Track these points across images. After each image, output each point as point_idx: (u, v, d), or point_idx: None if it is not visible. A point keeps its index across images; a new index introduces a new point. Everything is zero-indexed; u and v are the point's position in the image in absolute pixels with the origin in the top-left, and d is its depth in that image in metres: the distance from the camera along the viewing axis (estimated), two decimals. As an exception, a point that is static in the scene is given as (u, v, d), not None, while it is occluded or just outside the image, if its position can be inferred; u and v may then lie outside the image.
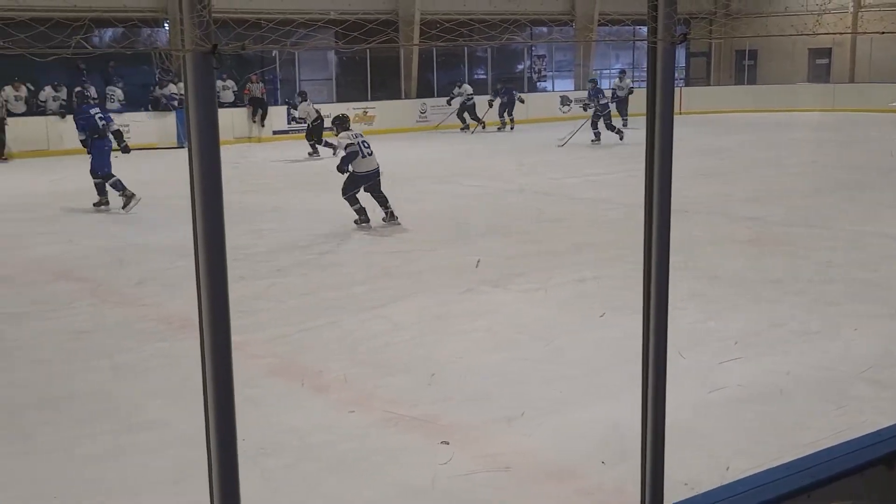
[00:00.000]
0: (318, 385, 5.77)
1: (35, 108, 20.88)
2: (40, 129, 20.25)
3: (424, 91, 26.03)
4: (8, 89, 20.38)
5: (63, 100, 20.90)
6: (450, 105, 24.51)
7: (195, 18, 1.47)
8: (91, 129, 12.58)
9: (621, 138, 19.73)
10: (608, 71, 30.50)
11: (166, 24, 22.98)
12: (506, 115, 24.33)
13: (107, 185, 12.66)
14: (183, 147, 21.52)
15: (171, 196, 11.09)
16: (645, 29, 2.34)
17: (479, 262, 8.49)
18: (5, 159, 19.46)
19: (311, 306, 7.45)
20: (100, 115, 12.81)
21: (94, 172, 12.72)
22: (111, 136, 12.63)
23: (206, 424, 1.76)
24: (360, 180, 10.82)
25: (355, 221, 10.87)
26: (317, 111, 19.69)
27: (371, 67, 25.69)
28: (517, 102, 24.28)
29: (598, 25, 28.30)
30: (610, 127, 19.95)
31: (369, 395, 5.53)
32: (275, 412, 5.15)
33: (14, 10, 18.65)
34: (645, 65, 2.89)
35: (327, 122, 15.82)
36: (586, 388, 5.57)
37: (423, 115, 25.01)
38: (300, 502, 4.15)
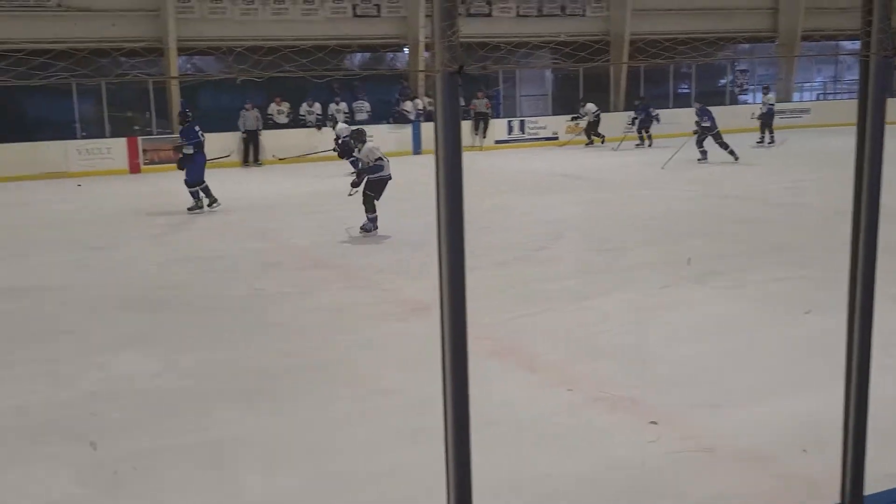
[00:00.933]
0: (533, 366, 5.77)
1: (295, 121, 22.13)
2: (300, 139, 21.40)
3: (631, 105, 25.51)
4: (272, 105, 21.77)
5: (318, 114, 22.05)
6: (577, 124, 23.74)
7: (445, 43, 1.50)
8: (196, 144, 13.09)
9: (735, 159, 17.62)
10: (808, 83, 28.77)
11: (405, 49, 23.75)
12: (644, 131, 22.30)
13: (199, 190, 13.15)
14: (417, 154, 22.35)
15: (402, 197, 11.35)
16: (848, 43, 2.18)
17: (689, 259, 8.25)
18: (260, 164, 20.82)
19: (527, 296, 7.47)
20: (201, 132, 13.33)
21: (189, 182, 13.22)
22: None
23: (443, 395, 1.79)
24: (378, 186, 10.61)
25: (363, 227, 10.60)
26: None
27: (584, 83, 25.46)
28: (654, 121, 22.35)
29: (802, 41, 26.65)
30: (723, 145, 17.75)
31: (579, 376, 5.48)
32: (493, 389, 5.18)
33: (290, 39, 19.84)
34: (846, 77, 2.69)
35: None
36: (784, 379, 5.28)
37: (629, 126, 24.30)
38: (517, 470, 4.15)
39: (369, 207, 10.52)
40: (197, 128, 13.27)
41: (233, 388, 5.47)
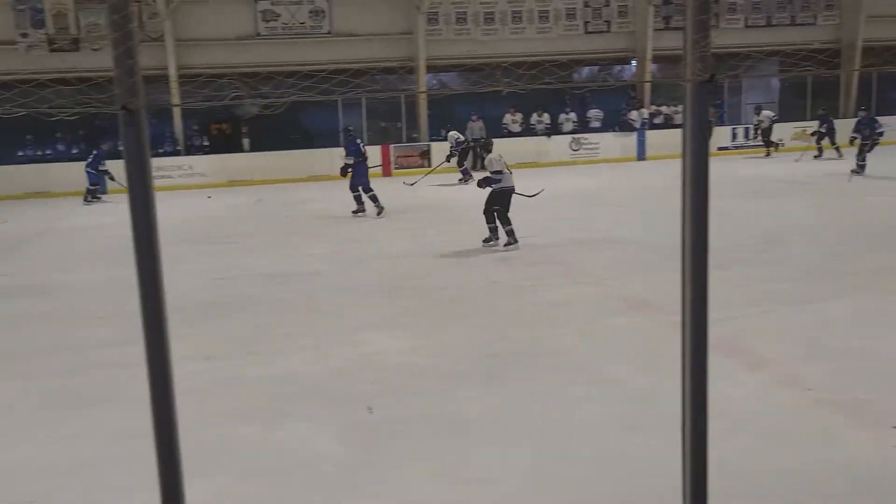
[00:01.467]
0: (757, 364, 5.46)
1: (527, 129, 22.34)
2: (530, 147, 21.57)
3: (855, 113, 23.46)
4: (507, 115, 22.12)
5: (547, 124, 22.15)
6: (757, 134, 21.69)
7: (697, 53, 1.46)
8: (356, 154, 13.40)
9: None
10: None
11: (633, 62, 23.30)
12: (825, 141, 19.66)
13: (366, 196, 13.41)
14: (642, 161, 21.88)
15: (626, 200, 11.13)
16: None
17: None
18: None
19: (750, 297, 7.07)
20: (362, 144, 13.80)
21: (353, 187, 13.52)
22: None
23: (682, 389, 1.74)
24: (502, 198, 9.92)
25: (484, 241, 10.09)
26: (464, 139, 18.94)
27: (812, 89, 23.74)
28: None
29: None
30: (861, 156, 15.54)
31: (805, 376, 5.11)
32: (717, 385, 4.94)
33: (526, 56, 20.07)
34: None
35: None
36: None
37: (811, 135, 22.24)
38: (743, 466, 3.95)
39: (489, 219, 10.06)
40: (358, 140, 13.98)
41: (470, 369, 5.61)
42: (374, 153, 21.16)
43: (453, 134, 19.00)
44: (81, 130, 21.45)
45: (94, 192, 18.19)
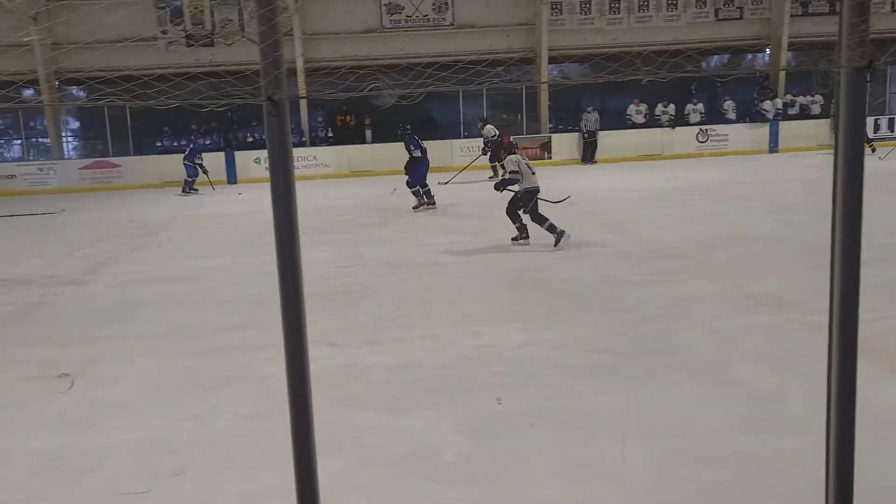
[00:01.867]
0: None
1: (651, 121, 21.84)
2: (654, 139, 21.09)
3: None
4: (631, 106, 21.69)
5: (671, 115, 21.58)
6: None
7: (855, 38, 1.38)
8: (422, 150, 13.81)
9: None
10: None
11: (767, 49, 22.37)
12: None
13: (422, 191, 13.80)
14: (774, 153, 20.99)
15: (752, 193, 10.71)
16: None
17: None
18: (594, 162, 20.91)
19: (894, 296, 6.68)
20: (420, 141, 14.01)
21: (410, 184, 13.81)
22: None
23: (827, 393, 1.66)
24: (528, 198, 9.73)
25: (513, 239, 9.92)
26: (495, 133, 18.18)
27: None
28: None
29: None
30: None
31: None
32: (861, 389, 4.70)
33: (653, 45, 19.64)
34: None
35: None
36: None
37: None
38: (882, 474, 3.74)
39: (514, 218, 9.94)
40: (416, 137, 14.22)
41: (590, 363, 5.54)
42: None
43: (489, 129, 18.75)
44: (213, 122, 22.50)
45: (191, 184, 18.99)
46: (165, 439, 4.55)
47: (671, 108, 21.64)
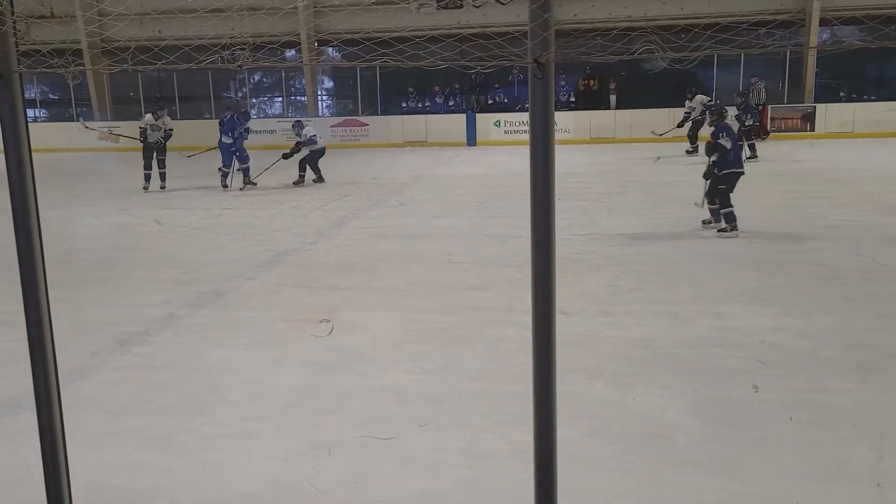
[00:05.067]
0: None
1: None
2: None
3: None
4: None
5: None
6: None
7: None
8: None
9: None
10: None
11: None
12: None
13: None
14: None
15: None
16: None
17: None
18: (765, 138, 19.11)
19: None
20: None
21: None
22: None
23: None
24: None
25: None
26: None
27: None
28: None
29: None
30: None
31: None
32: None
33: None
34: None
35: None
36: None
37: None
38: None
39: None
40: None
41: (843, 357, 5.15)
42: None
43: (701, 98, 17.23)
44: (457, 84, 23.15)
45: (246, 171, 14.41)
46: (399, 390, 4.83)
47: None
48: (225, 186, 14.26)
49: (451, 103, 23.17)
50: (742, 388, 4.67)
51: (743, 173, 8.97)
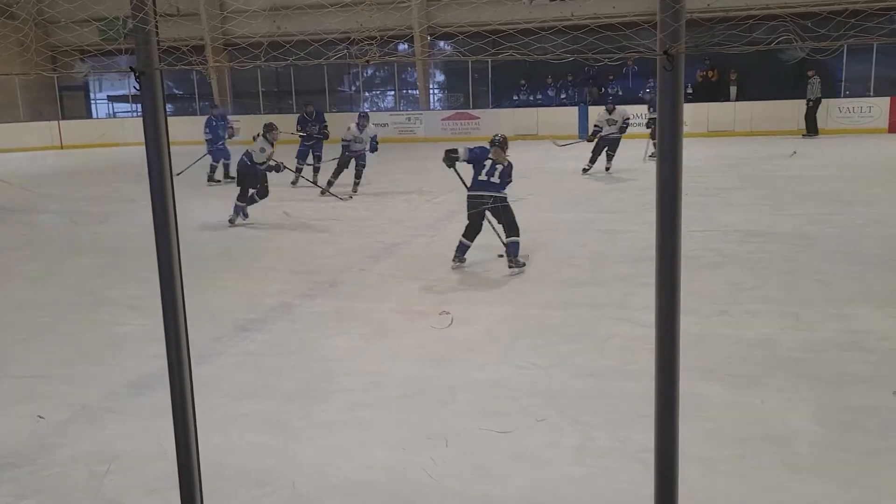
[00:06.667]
0: None
1: None
2: None
3: None
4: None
5: None
6: None
7: None
8: None
9: None
10: None
11: None
12: None
13: None
14: None
15: None
16: None
17: None
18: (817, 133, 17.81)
19: None
20: None
21: None
22: None
23: None
24: None
25: None
26: None
27: None
28: None
29: None
30: None
31: None
32: None
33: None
34: None
35: None
36: None
37: None
38: None
39: None
40: None
41: None
42: (880, 106, 19.13)
43: (622, 111, 14.81)
44: (570, 77, 22.93)
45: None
46: (510, 384, 4.84)
47: None
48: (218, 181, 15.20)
49: (563, 96, 22.97)
50: (870, 395, 4.46)
51: None
